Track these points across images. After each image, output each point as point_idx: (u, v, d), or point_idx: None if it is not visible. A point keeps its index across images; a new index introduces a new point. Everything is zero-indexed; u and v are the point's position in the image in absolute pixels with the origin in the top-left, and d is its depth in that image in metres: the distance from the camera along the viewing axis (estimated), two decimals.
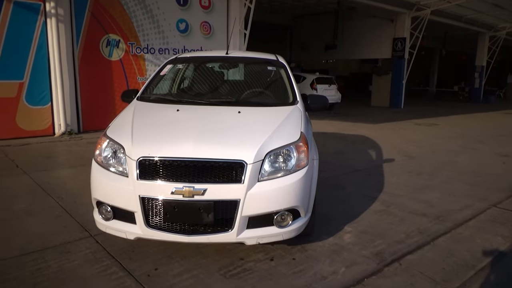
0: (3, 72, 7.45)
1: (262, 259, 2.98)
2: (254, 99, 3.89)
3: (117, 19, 8.89)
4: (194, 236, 2.67)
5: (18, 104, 7.71)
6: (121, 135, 2.96)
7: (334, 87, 15.30)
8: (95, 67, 8.71)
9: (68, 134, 8.15)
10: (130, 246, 3.08)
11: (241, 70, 4.78)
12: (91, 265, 2.84)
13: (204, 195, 2.60)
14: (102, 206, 2.87)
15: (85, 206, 3.83)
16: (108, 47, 8.84)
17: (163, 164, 2.67)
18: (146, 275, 2.71)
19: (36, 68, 7.85)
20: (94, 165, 2.97)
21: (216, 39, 10.66)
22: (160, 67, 4.31)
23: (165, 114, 3.41)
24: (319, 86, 14.66)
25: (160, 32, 9.62)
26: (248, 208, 2.66)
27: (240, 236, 2.69)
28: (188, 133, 2.92)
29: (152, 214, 2.69)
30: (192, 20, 10.16)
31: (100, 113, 8.67)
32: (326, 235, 3.42)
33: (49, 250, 3.05)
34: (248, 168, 2.66)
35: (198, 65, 4.60)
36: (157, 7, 9.47)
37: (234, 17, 10.62)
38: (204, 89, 4.18)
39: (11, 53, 7.48)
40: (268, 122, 3.19)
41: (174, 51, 9.84)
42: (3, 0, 7.32)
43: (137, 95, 3.86)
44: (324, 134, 9.13)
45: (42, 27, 7.84)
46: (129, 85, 9.15)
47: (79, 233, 3.37)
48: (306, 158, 2.93)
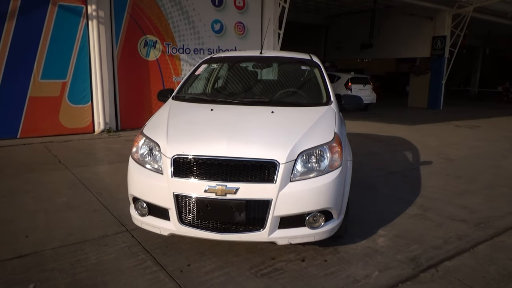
0: (48, 72, 7.84)
1: (293, 260, 2.97)
2: (288, 99, 3.88)
3: (154, 20, 9.13)
4: (226, 234, 2.70)
5: (61, 103, 8.09)
6: (157, 133, 3.04)
7: (369, 87, 14.97)
8: (133, 67, 8.98)
9: (107, 132, 8.46)
10: (164, 242, 3.15)
11: (275, 69, 4.78)
12: (127, 258, 2.94)
13: (236, 194, 2.62)
14: (138, 202, 2.96)
15: (122, 201, 3.96)
16: (146, 47, 9.10)
17: (197, 162, 2.72)
18: (179, 271, 2.77)
19: (78, 68, 8.21)
20: (131, 162, 3.06)
21: (250, 39, 10.71)
22: (195, 67, 4.38)
23: (199, 113, 3.47)
24: (354, 86, 14.40)
25: (196, 33, 9.79)
26: (280, 208, 2.65)
27: (272, 236, 2.69)
28: (221, 132, 2.95)
29: (186, 211, 2.74)
30: (227, 20, 10.26)
31: (137, 112, 8.94)
32: (359, 238, 3.35)
33: (88, 242, 3.18)
34: (280, 168, 2.66)
35: (232, 64, 4.64)
36: (192, 8, 9.63)
37: (268, 17, 10.64)
38: (238, 89, 4.21)
39: (55, 54, 7.86)
40: (301, 122, 3.17)
41: (209, 51, 9.98)
42: (48, 3, 7.70)
43: (172, 95, 3.95)
44: (358, 135, 8.96)
45: (84, 29, 8.18)
46: (164, 85, 9.37)
47: (116, 227, 3.49)
48: (340, 159, 2.89)
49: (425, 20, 16.44)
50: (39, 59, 7.71)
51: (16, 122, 7.61)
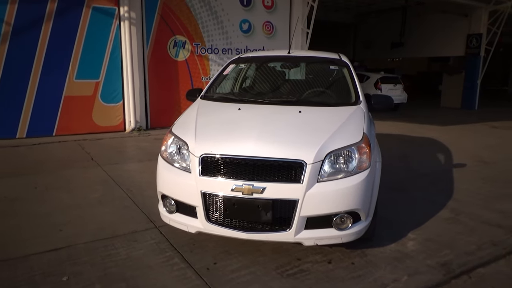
0: (82, 72, 8.11)
1: (320, 261, 2.94)
2: (315, 99, 3.85)
3: (184, 21, 9.27)
4: (252, 233, 2.71)
5: (94, 102, 8.36)
6: (185, 132, 3.08)
7: (400, 86, 14.61)
8: (163, 67, 9.16)
9: (137, 131, 8.67)
10: (191, 239, 3.20)
11: (303, 69, 4.75)
12: (155, 254, 3.00)
13: (263, 193, 2.63)
14: (167, 199, 3.01)
15: (151, 198, 4.05)
16: (175, 48, 9.25)
17: (224, 161, 2.74)
18: (205, 269, 2.80)
19: (110, 69, 8.45)
20: (160, 160, 3.13)
21: (278, 39, 10.70)
22: (223, 67, 4.42)
23: (227, 113, 3.49)
24: (384, 86, 14.10)
25: (224, 33, 9.87)
26: (307, 208, 2.64)
27: (298, 236, 2.68)
28: (248, 132, 2.96)
29: (213, 209, 2.77)
30: (255, 20, 10.28)
31: (166, 111, 9.10)
32: (388, 241, 3.28)
33: (118, 238, 3.27)
34: (307, 168, 2.64)
35: (260, 64, 4.65)
36: (221, 9, 9.71)
37: (296, 16, 10.58)
38: (266, 89, 4.21)
39: (89, 55, 8.13)
40: (329, 122, 3.13)
41: (237, 51, 10.03)
42: (83, 6, 7.97)
43: (200, 94, 4.00)
44: (388, 135, 8.77)
45: (116, 30, 8.42)
46: (193, 84, 9.50)
47: (145, 223, 3.57)
48: (368, 160, 2.84)
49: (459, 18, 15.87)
50: (74, 60, 8.00)
51: (52, 121, 7.93)
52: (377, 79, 14.38)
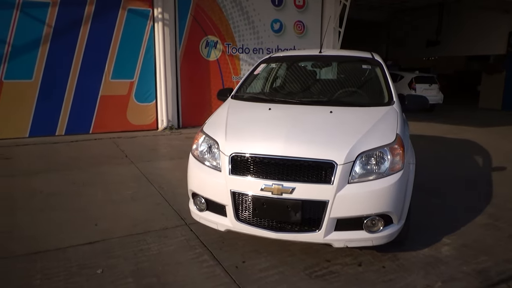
0: (117, 72, 8.38)
1: (350, 263, 2.90)
2: (347, 99, 3.79)
3: (216, 21, 9.37)
4: (281, 233, 2.70)
5: (128, 101, 8.61)
6: (216, 132, 3.12)
7: (435, 86, 14.12)
8: (194, 67, 9.31)
9: (169, 129, 8.85)
10: (220, 237, 3.23)
11: (334, 68, 4.69)
12: (186, 251, 3.05)
13: (292, 193, 2.62)
14: (197, 197, 3.06)
15: (182, 196, 4.12)
16: (207, 48, 9.37)
17: (254, 160, 2.75)
18: (234, 267, 2.82)
19: (144, 69, 8.68)
20: (191, 158, 3.18)
21: (309, 38, 10.61)
22: (254, 67, 4.43)
23: (257, 113, 3.50)
24: (418, 86, 13.68)
25: (255, 33, 9.90)
26: (337, 210, 2.60)
27: (328, 238, 2.65)
28: (278, 132, 2.96)
29: (242, 208, 2.78)
30: (286, 19, 10.25)
31: (198, 110, 9.24)
32: (421, 245, 3.19)
33: (150, 233, 3.36)
34: (338, 169, 2.61)
35: (291, 64, 4.63)
36: (252, 9, 9.75)
37: (328, 15, 10.46)
38: (296, 88, 4.19)
39: (124, 55, 8.39)
40: (361, 123, 3.08)
41: (267, 50, 10.04)
42: (119, 8, 8.23)
43: (231, 94, 4.03)
44: (422, 137, 8.50)
45: (151, 31, 8.63)
46: (224, 84, 9.59)
47: (176, 220, 3.64)
48: (402, 162, 2.77)
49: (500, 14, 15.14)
50: (110, 60, 8.27)
51: (88, 119, 8.24)
52: (411, 78, 13.97)
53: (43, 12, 7.57)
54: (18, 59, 7.47)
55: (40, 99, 7.73)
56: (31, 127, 7.73)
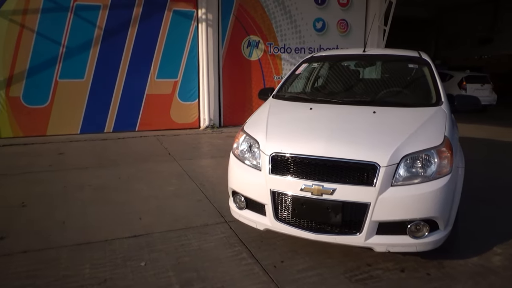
0: (162, 72, 8.65)
1: (392, 269, 2.81)
2: (392, 99, 3.68)
3: (258, 21, 9.42)
4: (321, 234, 2.67)
5: (172, 100, 8.87)
6: (256, 131, 3.13)
7: (488, 86, 13.34)
8: (236, 67, 9.41)
9: (211, 128, 9.02)
10: (259, 236, 3.25)
11: (378, 68, 4.57)
12: (225, 248, 3.10)
13: (333, 194, 2.58)
14: (237, 195, 3.09)
15: (222, 194, 4.19)
16: (249, 47, 9.44)
17: (294, 160, 2.73)
18: (272, 266, 2.82)
19: (188, 68, 8.90)
20: (231, 157, 3.22)
21: (353, 37, 10.40)
22: (295, 66, 4.41)
23: (298, 112, 3.48)
24: (469, 86, 12.99)
25: (297, 32, 9.84)
26: (379, 213, 2.53)
27: (369, 241, 2.58)
28: (320, 132, 2.93)
29: (281, 208, 2.78)
30: (329, 18, 10.11)
31: (239, 109, 9.34)
32: (469, 254, 3.03)
33: (191, 229, 3.44)
34: (380, 171, 2.53)
35: (333, 63, 4.56)
36: (295, 8, 9.70)
37: (373, 13, 10.19)
38: (338, 88, 4.12)
39: (169, 55, 8.65)
40: (406, 124, 2.97)
41: (309, 50, 9.95)
42: (164, 9, 8.49)
43: (272, 93, 4.03)
44: (473, 139, 8.07)
45: (194, 32, 8.83)
46: (265, 84, 9.62)
47: (216, 218, 3.70)
48: (450, 165, 2.64)
49: None
50: (155, 60, 8.56)
51: (135, 117, 8.58)
52: (462, 78, 13.30)
53: (95, 14, 7.97)
54: (71, 60, 7.92)
55: (90, 97, 8.15)
56: (82, 124, 8.18)
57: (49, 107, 7.89)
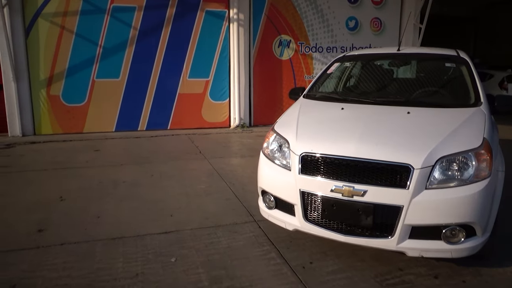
0: (194, 71, 8.78)
1: (425, 274, 2.73)
2: (427, 99, 3.57)
3: (290, 20, 9.37)
4: (351, 237, 2.62)
5: (203, 99, 8.98)
6: (287, 131, 3.12)
7: None
8: (267, 66, 9.40)
9: (241, 127, 9.07)
10: (288, 236, 3.24)
11: (413, 67, 4.44)
12: (254, 247, 3.11)
13: (364, 196, 2.53)
14: (266, 195, 3.09)
15: (251, 193, 4.20)
16: (280, 47, 9.42)
17: (324, 161, 2.70)
18: (301, 267, 2.81)
19: (219, 68, 8.98)
20: (261, 156, 3.22)
21: (387, 36, 10.15)
22: (327, 66, 4.36)
23: (329, 112, 3.44)
24: (511, 86, 12.38)
25: (329, 31, 9.72)
26: (412, 216, 2.46)
27: (401, 245, 2.52)
28: (351, 132, 2.88)
29: (311, 208, 2.76)
30: (362, 17, 9.91)
31: (269, 109, 9.33)
32: (509, 262, 2.89)
33: (220, 227, 3.47)
34: (414, 173, 2.46)
35: (366, 62, 4.47)
36: (327, 6, 9.58)
37: (408, 11, 9.90)
38: (371, 88, 4.04)
39: (201, 55, 8.76)
40: (442, 125, 2.88)
41: (341, 49, 9.81)
42: (197, 10, 8.61)
43: (303, 93, 4.00)
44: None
45: (226, 32, 8.91)
46: (296, 83, 9.56)
47: (245, 216, 3.72)
48: (489, 169, 2.53)
49: None
50: (187, 60, 8.70)
51: (167, 116, 8.75)
52: (503, 77, 12.68)
53: (130, 16, 8.19)
54: (108, 60, 8.18)
55: (125, 96, 8.39)
56: (117, 122, 8.43)
57: (86, 105, 8.19)
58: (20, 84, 7.66)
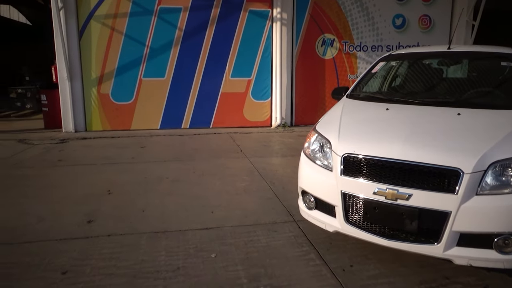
0: (237, 71, 8.89)
1: (473, 284, 2.59)
2: (480, 100, 3.38)
3: (333, 19, 9.23)
4: (394, 241, 2.54)
5: (245, 98, 9.06)
6: (329, 131, 3.08)
7: None
8: (310, 66, 9.32)
9: (282, 127, 9.06)
10: (328, 238, 3.19)
11: (465, 66, 4.22)
12: (293, 247, 3.10)
13: (408, 200, 2.45)
14: (306, 195, 3.07)
15: (291, 193, 4.19)
16: (323, 46, 9.30)
17: (367, 162, 2.64)
18: (341, 269, 2.76)
19: (261, 67, 9.03)
20: (302, 156, 3.20)
21: (436, 33, 9.72)
22: (372, 65, 4.25)
23: (374, 113, 3.35)
24: None
25: (375, 29, 9.47)
26: (461, 223, 2.35)
27: (448, 253, 2.41)
28: (396, 133, 2.80)
29: (352, 211, 2.70)
30: (410, 14, 9.56)
31: (311, 109, 9.26)
32: None
33: (260, 226, 3.49)
34: (464, 178, 2.35)
35: (413, 61, 4.31)
36: (373, 4, 9.33)
37: (460, 7, 9.42)
38: (418, 88, 3.89)
39: (243, 55, 8.85)
40: (496, 127, 2.72)
41: (387, 47, 9.52)
42: (241, 10, 8.70)
43: (346, 93, 3.93)
44: None
45: (269, 31, 8.93)
46: (339, 83, 9.41)
47: (285, 216, 3.71)
48: None
49: None
50: (230, 59, 8.81)
51: (209, 114, 8.92)
52: None
53: (176, 17, 8.43)
54: (154, 60, 8.48)
55: (170, 95, 8.65)
56: (162, 120, 8.72)
57: (134, 103, 8.54)
58: (73, 83, 8.13)
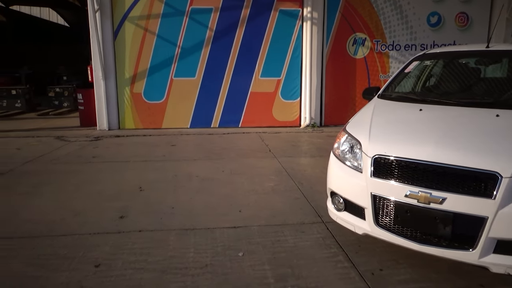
0: (266, 70, 8.89)
1: None
2: None
3: (365, 18, 9.07)
4: (426, 246, 2.47)
5: (274, 98, 9.06)
6: (359, 131, 3.03)
7: None
8: (340, 65, 9.20)
9: (311, 127, 8.99)
10: (357, 240, 3.14)
11: (505, 66, 4.03)
12: (321, 248, 3.07)
13: (442, 204, 2.36)
14: (335, 196, 3.04)
15: (320, 193, 4.15)
16: (354, 45, 9.16)
17: (399, 164, 2.58)
18: (370, 273, 2.71)
19: (291, 67, 8.99)
20: (332, 157, 3.16)
21: (473, 31, 9.35)
22: (405, 64, 4.14)
23: (406, 113, 3.27)
24: None
25: (408, 28, 9.22)
26: (498, 229, 2.25)
27: (484, 260, 2.31)
28: (429, 135, 2.71)
29: (382, 213, 2.64)
30: (446, 12, 9.25)
31: (341, 109, 9.14)
32: None
33: (287, 226, 3.48)
34: (503, 182, 2.24)
35: (449, 61, 4.16)
36: (407, 2, 9.10)
37: (501, 3, 9.03)
38: (454, 88, 3.75)
39: (273, 54, 8.85)
40: None
41: (421, 47, 9.25)
42: (271, 9, 8.70)
43: (378, 93, 3.85)
44: None
45: (299, 31, 8.88)
46: (370, 83, 9.23)
47: (313, 217, 3.68)
48: None
49: None
50: (260, 59, 8.84)
51: (239, 114, 8.99)
52: None
53: (207, 17, 8.54)
54: (185, 59, 8.63)
55: (200, 94, 8.78)
56: (192, 119, 8.86)
57: (165, 103, 8.72)
58: (108, 82, 8.40)
